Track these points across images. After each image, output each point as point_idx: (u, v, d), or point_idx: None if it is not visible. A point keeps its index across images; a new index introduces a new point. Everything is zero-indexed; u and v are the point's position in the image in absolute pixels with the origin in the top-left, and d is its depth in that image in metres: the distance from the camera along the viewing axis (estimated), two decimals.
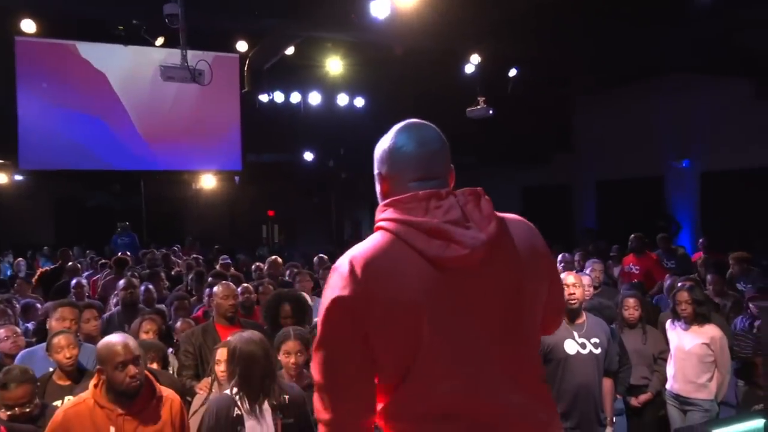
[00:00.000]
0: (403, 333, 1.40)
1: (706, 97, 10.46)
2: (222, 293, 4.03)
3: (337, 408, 1.43)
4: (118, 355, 2.53)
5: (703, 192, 11.05)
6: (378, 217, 1.52)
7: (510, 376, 1.46)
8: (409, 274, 1.41)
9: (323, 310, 1.45)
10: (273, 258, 6.46)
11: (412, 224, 1.44)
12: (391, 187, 1.55)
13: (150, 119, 9.65)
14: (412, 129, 1.57)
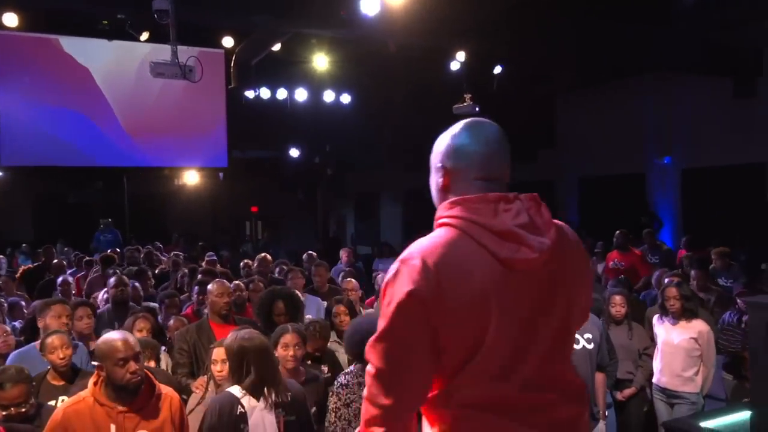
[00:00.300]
0: (471, 327, 1.46)
1: (687, 96, 10.62)
2: (217, 291, 4.03)
3: (398, 395, 1.48)
4: (119, 351, 2.53)
5: (684, 188, 11.23)
6: (443, 213, 1.58)
7: (559, 371, 1.56)
8: (479, 272, 1.47)
9: (395, 301, 1.47)
10: (263, 255, 6.45)
11: (484, 226, 1.50)
12: (454, 182, 1.62)
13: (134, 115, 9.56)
14: (479, 127, 1.64)
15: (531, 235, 1.50)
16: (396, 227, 17.91)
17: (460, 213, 1.53)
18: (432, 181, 1.70)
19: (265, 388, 2.78)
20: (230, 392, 2.79)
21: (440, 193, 1.65)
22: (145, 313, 4.18)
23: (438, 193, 1.67)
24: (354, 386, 3.15)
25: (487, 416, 1.49)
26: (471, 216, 1.51)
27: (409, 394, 1.50)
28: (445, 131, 1.67)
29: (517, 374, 1.49)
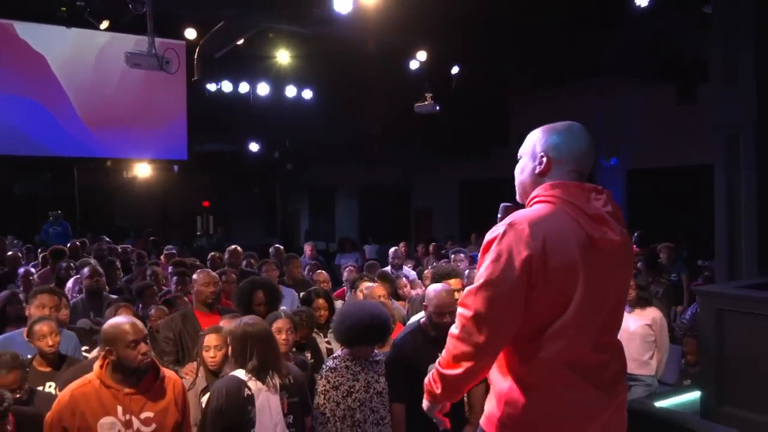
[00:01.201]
0: (562, 289, 1.77)
1: (634, 100, 11.19)
2: (202, 280, 4.09)
3: (491, 336, 1.77)
4: (129, 334, 2.60)
5: (630, 188, 11.82)
6: (543, 192, 1.87)
7: (614, 337, 1.93)
8: (573, 244, 1.77)
9: (503, 256, 1.74)
10: (233, 247, 6.50)
11: (581, 208, 1.81)
12: (552, 170, 1.91)
13: (92, 104, 9.34)
14: (580, 130, 1.97)
15: (614, 222, 1.82)
16: (352, 223, 18.05)
17: (560, 194, 1.83)
18: (525, 165, 1.98)
19: (269, 372, 2.90)
20: (235, 375, 2.90)
21: (535, 176, 1.93)
22: (126, 302, 4.20)
23: (532, 177, 1.95)
24: (342, 369, 3.30)
25: (565, 371, 1.78)
26: (570, 198, 1.82)
27: (500, 337, 1.78)
28: (548, 126, 1.99)
29: (589, 336, 1.79)
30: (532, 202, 1.90)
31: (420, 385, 3.41)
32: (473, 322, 1.77)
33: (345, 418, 3.24)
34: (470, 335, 1.78)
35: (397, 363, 3.47)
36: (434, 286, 3.62)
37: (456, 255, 5.92)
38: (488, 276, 1.76)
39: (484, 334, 1.76)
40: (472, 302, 1.77)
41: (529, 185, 1.96)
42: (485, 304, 1.75)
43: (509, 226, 1.76)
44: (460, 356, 1.81)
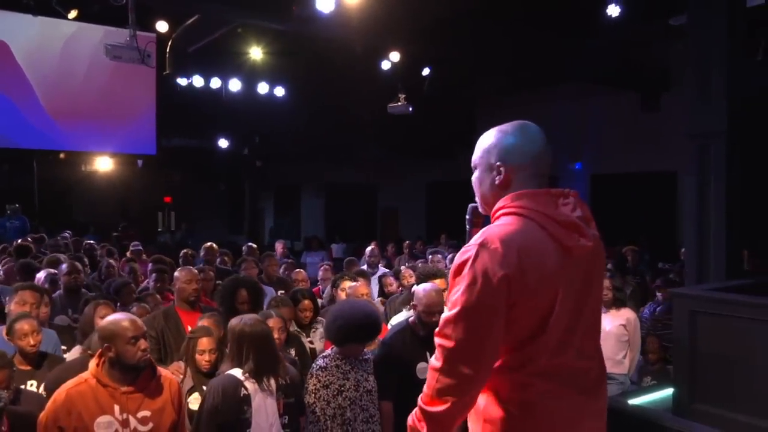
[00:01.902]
0: (544, 303, 1.68)
1: (599, 107, 11.49)
2: (185, 278, 4.05)
3: (477, 366, 1.66)
4: (129, 330, 2.57)
5: (593, 192, 12.14)
6: (509, 203, 1.75)
7: (596, 342, 1.85)
8: (549, 256, 1.68)
9: (480, 280, 1.63)
10: (209, 245, 6.41)
11: (550, 216, 1.71)
12: (513, 179, 1.78)
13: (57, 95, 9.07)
14: (531, 128, 1.82)
15: (586, 227, 1.74)
16: (318, 221, 18.00)
17: (527, 204, 1.72)
18: (482, 177, 1.84)
19: (266, 373, 2.90)
20: (232, 375, 2.89)
21: (497, 188, 1.80)
22: (106, 300, 4.12)
23: (493, 189, 1.81)
24: (332, 368, 3.32)
25: (550, 383, 1.70)
26: (538, 207, 1.71)
27: (486, 365, 1.67)
28: (498, 129, 1.83)
29: (571, 345, 1.73)
30: (498, 214, 1.77)
31: (409, 383, 3.50)
32: (457, 353, 1.64)
33: (335, 416, 3.26)
34: (455, 367, 1.65)
35: (387, 361, 3.52)
36: (423, 285, 3.68)
37: (434, 256, 5.99)
38: (466, 302, 1.64)
39: (470, 365, 1.64)
40: (452, 332, 1.65)
41: (490, 197, 1.83)
42: (467, 333, 1.63)
43: (481, 247, 1.65)
44: (445, 390, 1.67)
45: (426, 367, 3.56)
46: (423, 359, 3.59)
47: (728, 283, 4.14)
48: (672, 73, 10.33)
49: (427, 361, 3.59)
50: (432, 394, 1.71)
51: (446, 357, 1.67)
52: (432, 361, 1.74)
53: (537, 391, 1.70)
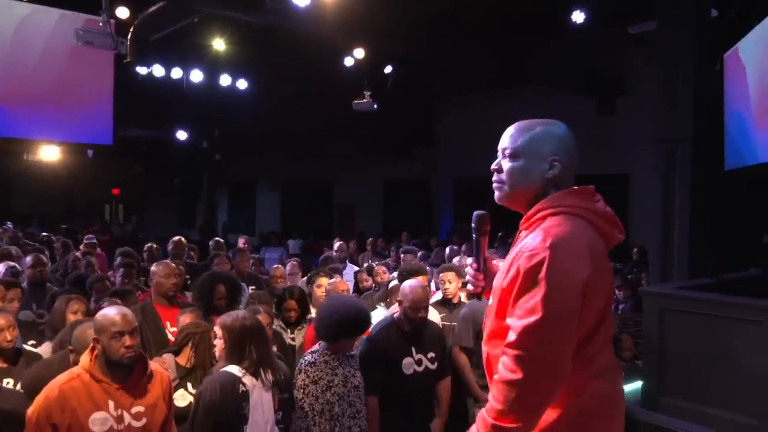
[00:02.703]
0: (602, 302, 1.70)
1: (556, 109, 11.70)
2: (163, 272, 3.96)
3: (563, 375, 1.62)
4: (115, 325, 2.50)
5: None
6: (554, 203, 1.74)
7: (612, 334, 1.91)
8: (603, 253, 1.72)
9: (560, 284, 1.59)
10: (177, 239, 6.25)
11: (596, 212, 1.75)
12: (563, 175, 1.79)
13: (7, 80, 8.61)
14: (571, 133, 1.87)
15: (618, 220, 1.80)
16: (273, 216, 17.80)
17: (574, 202, 1.73)
18: (530, 166, 1.79)
19: (264, 368, 2.87)
20: (229, 371, 2.84)
21: (545, 181, 1.78)
22: (77, 294, 3.99)
23: (541, 180, 1.78)
24: (321, 364, 3.31)
25: (603, 382, 1.73)
26: (584, 204, 1.74)
27: (566, 373, 1.62)
28: (536, 121, 1.83)
29: (609, 340, 1.78)
30: (544, 213, 1.74)
31: (394, 379, 3.53)
32: (542, 364, 1.59)
33: (323, 412, 3.26)
34: (538, 380, 1.59)
35: (373, 357, 3.54)
36: (409, 282, 3.71)
37: (406, 255, 6.04)
38: (548, 309, 1.58)
39: (554, 377, 1.60)
40: (534, 342, 1.58)
41: (531, 189, 1.79)
42: (551, 343, 1.59)
43: (552, 249, 1.60)
44: (525, 405, 1.61)
45: (411, 363, 3.62)
46: (408, 354, 3.63)
47: (694, 282, 4.34)
48: (627, 79, 10.70)
49: (412, 357, 3.63)
50: (506, 409, 1.62)
51: (528, 369, 1.58)
52: (504, 373, 1.64)
53: (594, 392, 1.69)
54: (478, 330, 4.10)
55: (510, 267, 1.73)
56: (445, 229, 13.92)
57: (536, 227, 1.74)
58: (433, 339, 3.77)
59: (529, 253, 1.64)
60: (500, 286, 1.76)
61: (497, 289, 1.79)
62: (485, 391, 4.08)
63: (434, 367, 3.69)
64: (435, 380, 3.75)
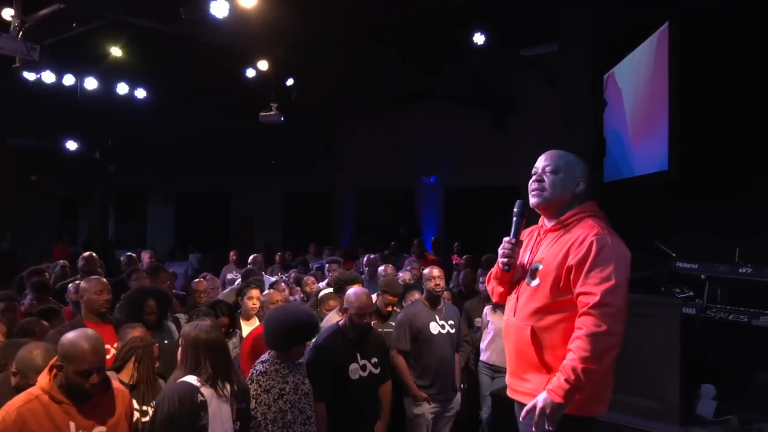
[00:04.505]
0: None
1: (454, 123, 12.35)
2: (94, 288, 3.81)
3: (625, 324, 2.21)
4: (85, 362, 2.42)
5: (447, 204, 12.99)
6: (589, 209, 2.43)
7: None
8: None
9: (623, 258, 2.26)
10: (88, 254, 5.91)
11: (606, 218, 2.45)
12: (584, 192, 2.47)
13: None
14: None
15: None
16: (167, 231, 17.09)
17: (598, 212, 2.44)
18: (565, 182, 2.44)
19: (221, 379, 2.88)
20: (187, 381, 2.82)
21: (573, 194, 2.44)
22: None
23: (572, 194, 2.44)
24: (272, 373, 3.36)
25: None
26: (602, 214, 2.44)
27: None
28: (571, 155, 2.53)
29: None
30: (582, 215, 2.39)
31: (341, 384, 3.65)
32: (620, 316, 2.16)
33: (276, 420, 3.30)
34: (617, 328, 2.15)
35: (320, 364, 3.63)
36: (354, 290, 3.85)
37: (331, 264, 6.14)
38: (619, 276, 2.18)
39: (623, 325, 2.18)
40: (614, 300, 2.15)
41: (563, 199, 2.43)
42: (624, 300, 2.18)
43: (611, 236, 2.28)
44: (609, 348, 2.16)
45: (357, 368, 3.75)
46: (354, 360, 3.76)
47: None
48: (518, 97, 11.47)
49: (357, 362, 3.76)
50: (593, 356, 2.13)
51: (610, 321, 2.14)
52: (590, 327, 2.15)
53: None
54: (414, 333, 4.32)
55: (568, 251, 2.30)
56: (346, 241, 14.09)
57: (575, 225, 2.37)
58: (376, 345, 3.92)
59: (595, 237, 2.26)
60: (559, 268, 2.30)
61: (551, 272, 2.33)
62: (422, 389, 4.31)
63: (377, 371, 3.85)
64: (378, 384, 3.89)
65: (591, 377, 2.13)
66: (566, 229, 2.37)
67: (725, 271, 4.16)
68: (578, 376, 2.12)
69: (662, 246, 4.70)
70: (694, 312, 4.15)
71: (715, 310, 4.10)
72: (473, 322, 5.51)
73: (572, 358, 2.14)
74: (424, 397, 4.31)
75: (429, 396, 4.29)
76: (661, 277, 4.76)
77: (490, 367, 5.17)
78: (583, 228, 2.31)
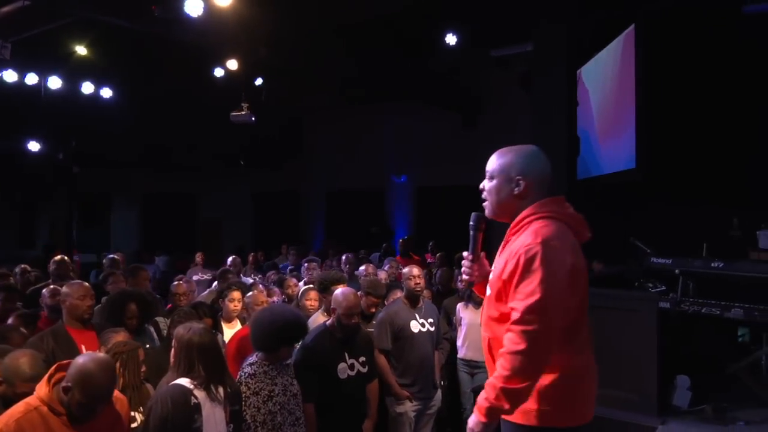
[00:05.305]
0: (584, 286, 2.14)
1: (425, 123, 12.44)
2: (77, 293, 3.72)
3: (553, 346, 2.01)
4: (95, 396, 2.39)
5: (418, 203, 13.07)
6: (539, 209, 2.15)
7: None
8: (579, 248, 2.14)
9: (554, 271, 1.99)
10: (60, 257, 5.74)
11: (569, 215, 2.19)
12: (531, 191, 2.19)
13: None
14: (542, 154, 2.27)
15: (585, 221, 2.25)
16: (131, 233, 16.73)
17: (554, 209, 2.15)
18: (500, 186, 2.22)
19: (215, 382, 2.86)
20: (180, 384, 2.79)
21: (514, 197, 2.20)
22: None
23: (510, 197, 2.20)
24: (261, 375, 3.35)
25: (583, 353, 2.18)
26: (561, 210, 2.17)
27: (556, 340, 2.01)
28: (515, 149, 2.24)
29: (586, 320, 2.18)
30: (530, 218, 2.13)
31: (330, 384, 3.66)
32: (541, 337, 1.94)
33: (266, 422, 3.30)
34: (534, 348, 1.94)
35: (308, 364, 3.64)
36: (342, 290, 3.86)
37: (309, 264, 6.13)
38: (545, 292, 1.96)
39: (547, 345, 1.96)
40: (536, 318, 1.95)
41: (508, 204, 2.20)
42: (546, 317, 1.95)
43: (543, 245, 2.01)
44: (528, 370, 1.96)
45: (345, 368, 3.77)
46: (342, 360, 3.78)
47: None
48: (486, 97, 11.62)
49: (346, 362, 3.78)
50: (511, 375, 1.97)
51: (530, 340, 1.95)
52: (510, 345, 1.99)
53: (580, 362, 2.15)
54: (395, 332, 4.35)
55: (506, 263, 2.11)
56: (318, 241, 14.05)
57: (525, 230, 2.13)
58: (363, 344, 3.95)
59: (525, 248, 2.04)
60: (498, 279, 2.14)
61: (495, 282, 2.17)
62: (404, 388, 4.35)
63: (365, 370, 3.87)
64: (366, 383, 3.92)
65: (513, 396, 1.98)
66: (517, 235, 2.15)
67: (698, 266, 4.32)
68: (498, 395, 1.99)
69: (637, 242, 4.84)
70: (669, 306, 4.29)
71: (688, 303, 4.25)
72: (452, 320, 5.57)
73: (494, 376, 2.03)
74: (406, 395, 4.34)
75: (411, 394, 4.33)
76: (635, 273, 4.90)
77: (468, 363, 5.23)
78: (527, 235, 2.08)
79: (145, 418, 2.77)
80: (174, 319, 3.94)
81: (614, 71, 7.78)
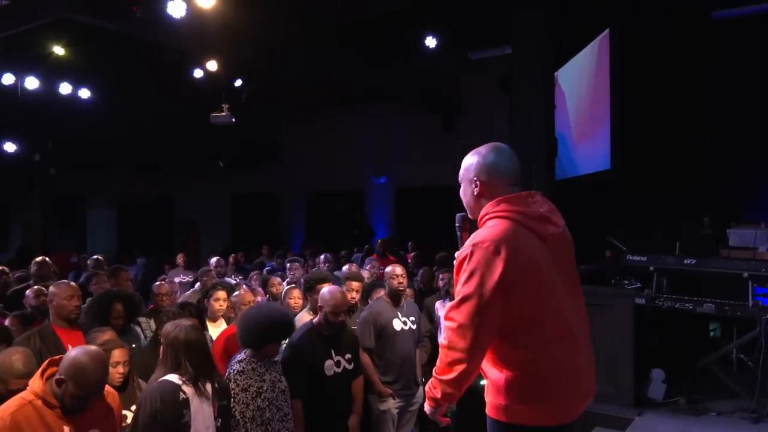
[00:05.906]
0: (536, 285, 2.09)
1: (404, 125, 12.54)
2: (64, 293, 3.73)
3: (474, 341, 2.06)
4: (88, 389, 2.43)
5: (398, 203, 13.16)
6: (492, 209, 2.17)
7: (577, 306, 2.25)
8: (531, 246, 2.11)
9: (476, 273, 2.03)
10: (41, 259, 5.70)
11: (526, 213, 2.15)
12: (487, 189, 2.22)
13: None
14: (504, 149, 2.27)
15: (554, 217, 2.22)
16: (108, 236, 16.56)
17: (506, 207, 2.15)
18: (465, 189, 2.29)
19: (203, 378, 2.91)
20: (169, 380, 2.84)
21: (475, 197, 2.25)
22: None
23: (472, 198, 2.26)
24: (249, 372, 3.40)
25: (553, 344, 2.10)
26: (515, 208, 2.14)
27: (482, 341, 2.07)
28: (476, 151, 2.27)
29: (565, 314, 2.15)
30: (485, 219, 2.18)
31: (317, 381, 3.73)
32: (458, 332, 2.05)
33: (254, 418, 3.35)
34: (457, 344, 2.06)
35: (296, 361, 3.70)
36: (328, 288, 3.93)
37: (292, 264, 6.18)
38: (466, 292, 2.05)
39: (469, 341, 2.04)
40: (455, 315, 2.07)
41: (473, 205, 2.27)
42: (467, 316, 2.04)
43: (474, 246, 2.07)
44: (453, 362, 2.08)
45: (332, 365, 3.85)
46: (329, 357, 3.84)
47: None
48: (465, 99, 11.76)
49: (333, 359, 3.85)
50: (443, 366, 2.13)
51: (451, 336, 2.09)
52: (441, 340, 2.16)
53: (545, 363, 2.10)
54: (378, 330, 4.43)
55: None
56: (298, 243, 14.06)
57: (477, 230, 2.19)
58: (349, 341, 4.02)
59: (462, 250, 2.14)
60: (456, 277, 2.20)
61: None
62: (387, 385, 4.43)
63: (351, 367, 3.94)
64: (351, 380, 3.99)
65: (446, 387, 2.12)
66: None
67: (672, 263, 4.48)
68: (434, 383, 2.17)
69: (614, 240, 4.99)
70: (644, 302, 4.44)
71: (662, 299, 4.41)
72: (434, 318, 5.66)
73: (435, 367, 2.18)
74: (389, 393, 4.42)
75: (394, 391, 4.41)
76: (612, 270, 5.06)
77: None
78: (472, 235, 2.15)
79: (135, 414, 2.81)
80: (162, 320, 3.97)
81: (589, 74, 7.97)
